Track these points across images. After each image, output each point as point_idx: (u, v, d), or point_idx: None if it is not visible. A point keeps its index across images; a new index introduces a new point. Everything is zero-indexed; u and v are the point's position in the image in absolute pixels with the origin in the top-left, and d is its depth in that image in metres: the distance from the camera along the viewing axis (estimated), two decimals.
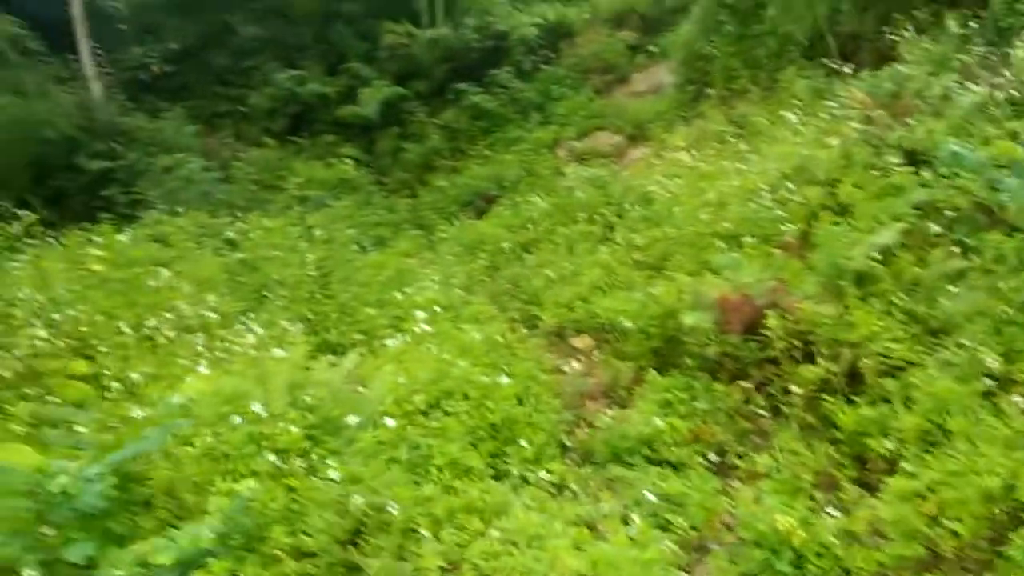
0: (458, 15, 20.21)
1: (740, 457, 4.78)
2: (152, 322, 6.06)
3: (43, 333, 5.76)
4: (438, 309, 7.43)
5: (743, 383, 5.23)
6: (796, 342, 5.02)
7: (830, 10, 10.29)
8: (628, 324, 6.38)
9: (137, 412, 4.33)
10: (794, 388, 4.80)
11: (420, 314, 6.98)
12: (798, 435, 4.65)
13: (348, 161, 17.42)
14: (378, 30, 19.84)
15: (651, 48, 17.56)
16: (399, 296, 8.16)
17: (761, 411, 5.04)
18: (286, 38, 20.77)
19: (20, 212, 10.20)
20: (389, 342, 6.50)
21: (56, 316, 5.98)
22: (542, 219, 10.55)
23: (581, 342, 6.95)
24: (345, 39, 20.40)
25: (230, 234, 11.48)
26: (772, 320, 5.05)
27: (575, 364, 6.41)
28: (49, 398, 4.84)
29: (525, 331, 7.33)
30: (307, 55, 20.44)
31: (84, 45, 19.07)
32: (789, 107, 9.04)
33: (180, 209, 12.86)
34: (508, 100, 18.00)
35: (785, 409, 4.89)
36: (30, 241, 8.91)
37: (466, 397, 5.20)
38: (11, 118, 16.34)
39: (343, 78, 19.64)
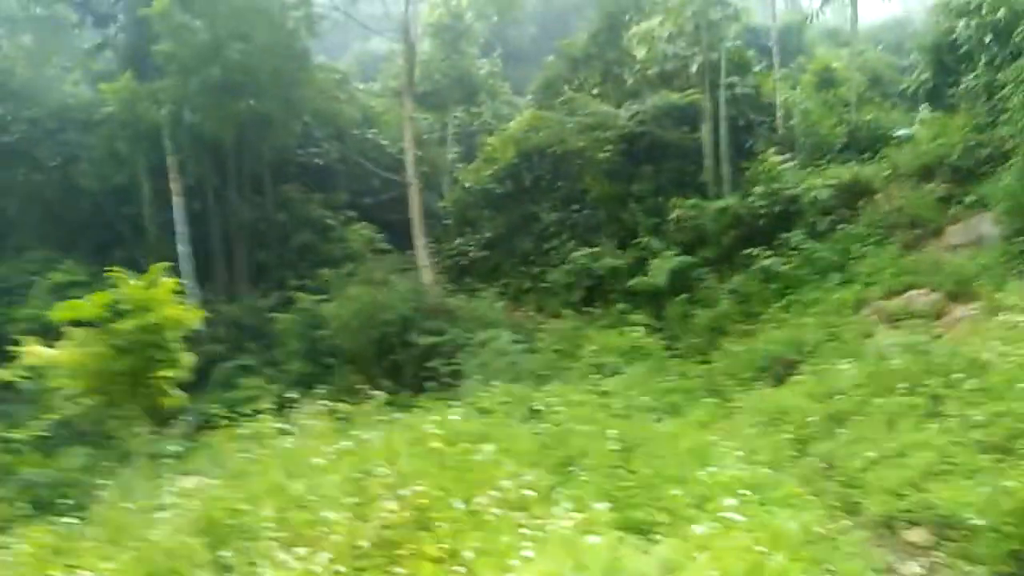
0: (745, 184, 20.66)
1: None
2: (479, 498, 6.63)
3: (392, 506, 6.56)
4: (743, 490, 7.15)
5: None
6: None
7: None
8: (975, 520, 5.56)
9: None
10: None
11: (726, 496, 6.77)
12: None
13: (639, 328, 17.96)
14: (667, 205, 21.01)
15: (966, 199, 16.11)
16: (701, 473, 8.00)
17: None
18: (582, 220, 22.84)
19: (372, 391, 12.13)
20: (696, 527, 6.35)
21: (402, 491, 6.81)
22: (852, 389, 9.79)
23: (916, 537, 6.15)
24: (636, 216, 21.83)
25: (535, 404, 12.32)
26: None
27: (913, 565, 5.68)
28: (397, 570, 5.49)
29: (846, 520, 6.70)
30: (601, 233, 22.16)
31: (419, 240, 22.77)
32: None
33: (492, 379, 14.23)
34: (802, 261, 17.52)
35: None
36: (380, 417, 10.43)
37: None
38: (364, 305, 19.69)
39: (633, 251, 20.86)
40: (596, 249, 21.52)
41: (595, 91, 24.86)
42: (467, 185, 26.90)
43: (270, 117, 23.11)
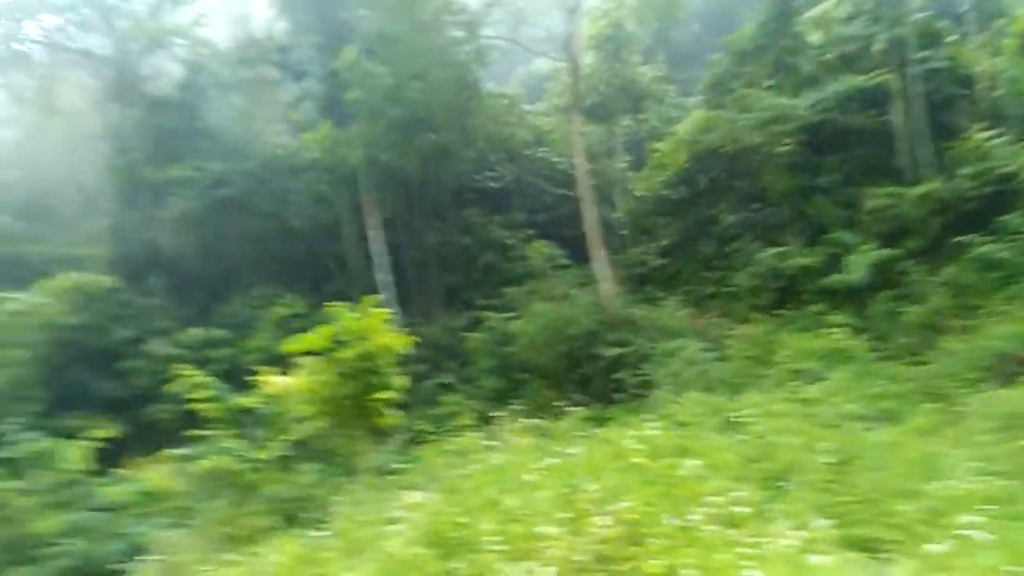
0: (948, 166, 18.88)
1: None
2: (688, 514, 6.68)
3: (604, 521, 6.78)
4: (982, 505, 6.62)
5: None
6: None
7: None
8: None
9: None
10: None
11: (962, 511, 6.31)
12: None
13: (838, 329, 16.96)
14: (858, 196, 19.70)
15: None
16: (930, 486, 7.50)
17: None
18: (765, 219, 21.97)
19: (565, 405, 12.53)
20: (931, 545, 5.99)
21: (611, 506, 7.00)
22: None
23: None
24: (824, 210, 20.67)
25: (731, 414, 12.05)
26: None
27: None
28: None
29: None
30: (786, 231, 21.19)
31: (596, 253, 22.94)
32: None
33: (683, 389, 14.11)
34: None
35: None
36: (578, 432, 10.75)
37: None
38: (549, 320, 20.23)
39: (825, 248, 19.75)
40: (783, 248, 20.60)
41: (767, 84, 23.83)
42: (640, 194, 26.78)
43: (449, 148, 24.51)
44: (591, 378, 19.13)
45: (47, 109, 32.31)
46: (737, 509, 6.93)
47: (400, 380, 12.88)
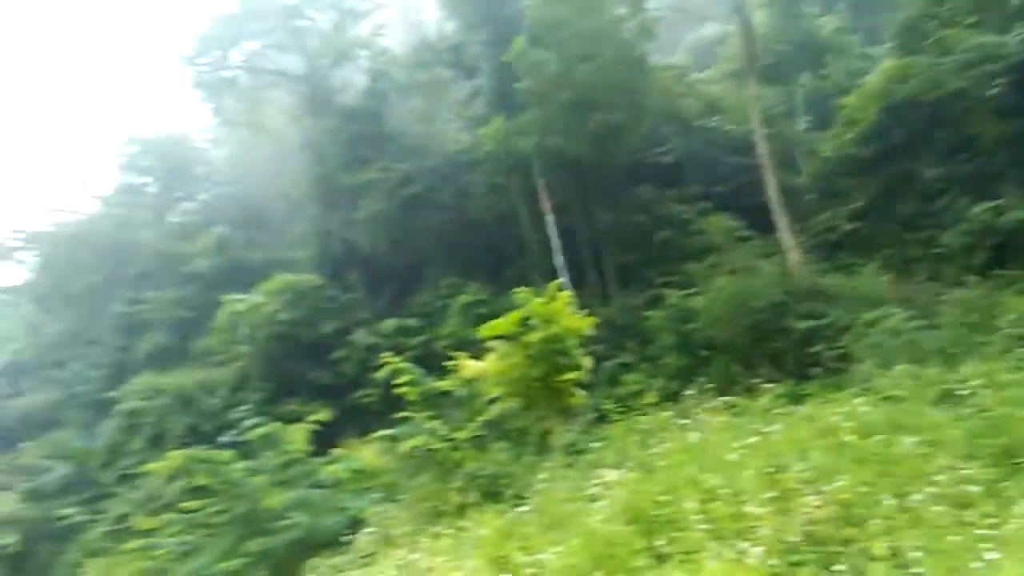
0: None
1: None
2: (910, 494, 6.31)
3: (814, 501, 6.55)
4: None
5: None
6: None
7: None
8: None
9: None
10: None
11: None
12: None
13: None
14: None
15: None
16: None
17: None
18: (975, 171, 19.73)
19: (756, 381, 12.10)
20: None
21: (821, 486, 6.75)
22: None
23: None
24: None
25: (950, 386, 11.06)
26: None
27: None
28: (838, 567, 5.50)
29: None
30: (1001, 183, 18.89)
31: (780, 221, 21.80)
32: None
33: (889, 362, 13.09)
34: None
35: None
36: (776, 409, 10.39)
37: None
38: (731, 294, 19.56)
39: None
40: (999, 201, 18.37)
41: (968, 22, 21.20)
42: (826, 155, 24.99)
43: (618, 126, 24.29)
44: (783, 353, 18.24)
45: (253, 128, 36.01)
46: (967, 488, 6.45)
47: (585, 360, 13.11)
